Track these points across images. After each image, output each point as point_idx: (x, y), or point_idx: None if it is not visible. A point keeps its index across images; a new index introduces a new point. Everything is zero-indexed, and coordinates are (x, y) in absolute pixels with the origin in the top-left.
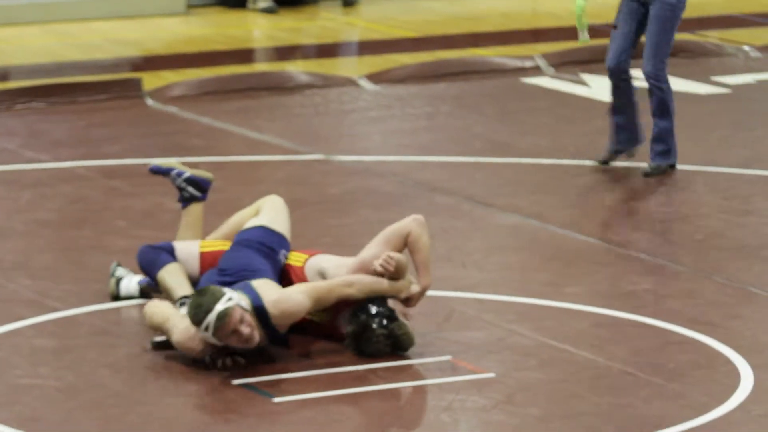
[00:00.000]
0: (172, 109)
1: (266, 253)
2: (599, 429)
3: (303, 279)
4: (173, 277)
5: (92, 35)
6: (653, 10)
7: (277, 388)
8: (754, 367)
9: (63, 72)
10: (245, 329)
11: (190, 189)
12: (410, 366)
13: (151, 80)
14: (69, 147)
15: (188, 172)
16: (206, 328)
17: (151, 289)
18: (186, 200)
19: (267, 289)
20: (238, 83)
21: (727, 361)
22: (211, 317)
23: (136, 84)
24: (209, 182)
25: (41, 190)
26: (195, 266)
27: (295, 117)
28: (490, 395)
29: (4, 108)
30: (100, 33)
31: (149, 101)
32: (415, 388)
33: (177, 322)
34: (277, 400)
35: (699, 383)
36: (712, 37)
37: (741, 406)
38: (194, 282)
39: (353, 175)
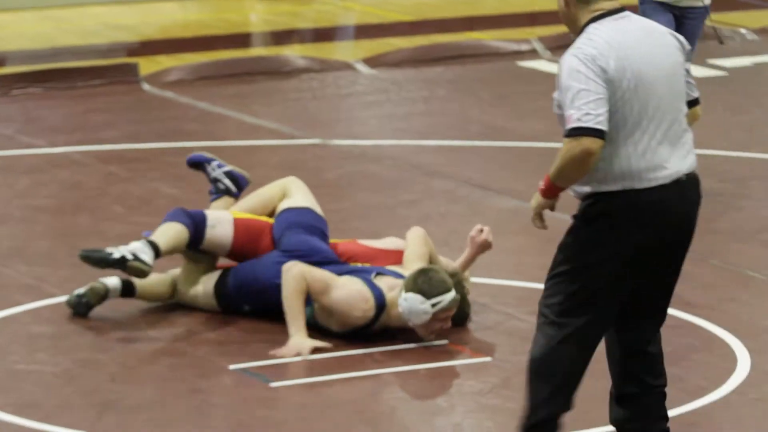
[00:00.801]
0: (168, 94)
1: (323, 238)
2: (596, 412)
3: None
4: (168, 230)
5: (89, 20)
6: (696, 17)
7: (274, 372)
8: (750, 350)
9: (59, 57)
10: (450, 323)
11: (227, 182)
12: (407, 350)
13: (147, 65)
14: (65, 132)
15: (229, 166)
16: (434, 305)
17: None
18: (219, 192)
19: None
20: (235, 68)
21: (724, 345)
22: (449, 297)
23: (132, 69)
24: (248, 181)
25: (38, 175)
26: (229, 231)
27: (292, 101)
28: (487, 379)
29: (1, 94)
30: (97, 18)
31: (146, 86)
32: (411, 372)
33: (343, 283)
34: (273, 384)
35: (695, 367)
36: (708, 20)
37: (737, 390)
38: (230, 251)
39: (350, 160)
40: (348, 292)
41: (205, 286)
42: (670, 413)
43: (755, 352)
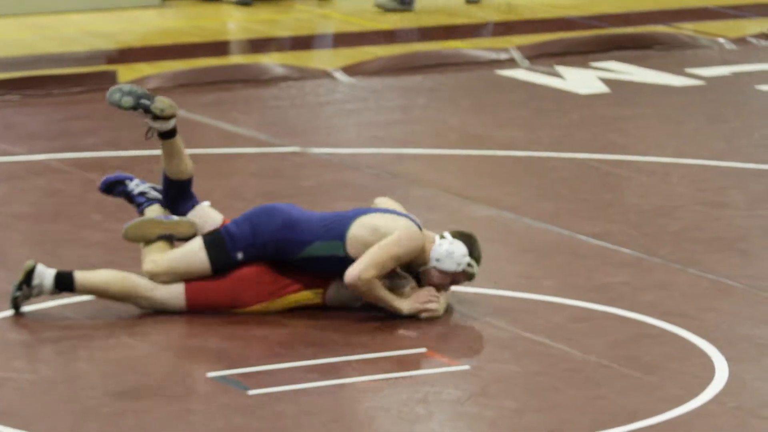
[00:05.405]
0: None
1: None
2: (574, 421)
3: None
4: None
5: (67, 28)
6: None
7: (252, 380)
8: (728, 359)
9: (38, 65)
10: (449, 289)
11: (155, 193)
12: (386, 358)
13: (126, 73)
14: (44, 140)
15: (148, 184)
16: (469, 264)
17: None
18: (150, 200)
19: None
20: (214, 75)
21: (702, 354)
22: (477, 268)
23: (111, 76)
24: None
25: (16, 183)
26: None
27: (271, 109)
28: (465, 388)
29: None
30: (76, 25)
31: None
32: (390, 380)
33: (398, 235)
34: (251, 392)
35: (674, 376)
36: (686, 29)
37: (716, 399)
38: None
39: (328, 168)
40: (404, 239)
41: (184, 251)
42: (648, 422)
43: (733, 360)
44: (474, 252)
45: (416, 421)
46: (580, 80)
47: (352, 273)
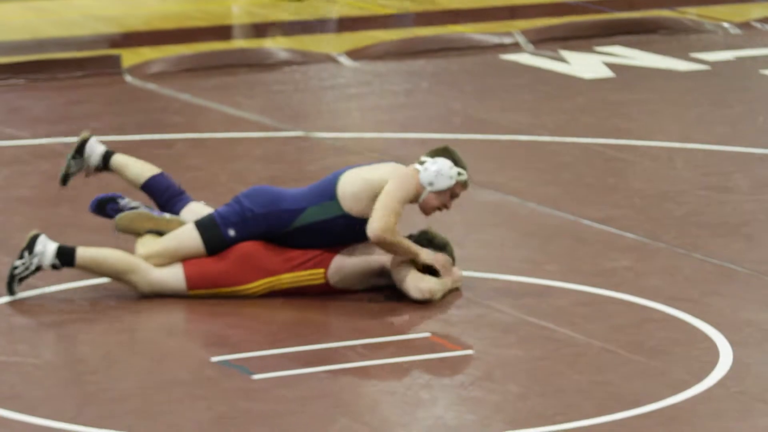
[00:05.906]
0: (151, 85)
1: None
2: (578, 406)
3: None
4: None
5: (71, 12)
6: None
7: (257, 364)
8: (733, 344)
9: (42, 49)
10: (450, 206)
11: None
12: (389, 343)
13: (130, 57)
14: (48, 124)
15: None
16: (459, 173)
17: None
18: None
19: None
20: (217, 60)
21: (707, 338)
22: (466, 175)
23: (115, 61)
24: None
25: (20, 167)
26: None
27: (275, 94)
28: (469, 372)
29: None
30: (80, 9)
31: (128, 78)
32: (394, 365)
33: (392, 183)
34: (256, 377)
35: (678, 360)
36: (691, 13)
37: (720, 383)
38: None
39: (332, 152)
40: (405, 175)
41: (176, 232)
42: (652, 407)
43: (738, 345)
44: (458, 161)
45: (420, 405)
46: (585, 65)
47: (373, 229)
